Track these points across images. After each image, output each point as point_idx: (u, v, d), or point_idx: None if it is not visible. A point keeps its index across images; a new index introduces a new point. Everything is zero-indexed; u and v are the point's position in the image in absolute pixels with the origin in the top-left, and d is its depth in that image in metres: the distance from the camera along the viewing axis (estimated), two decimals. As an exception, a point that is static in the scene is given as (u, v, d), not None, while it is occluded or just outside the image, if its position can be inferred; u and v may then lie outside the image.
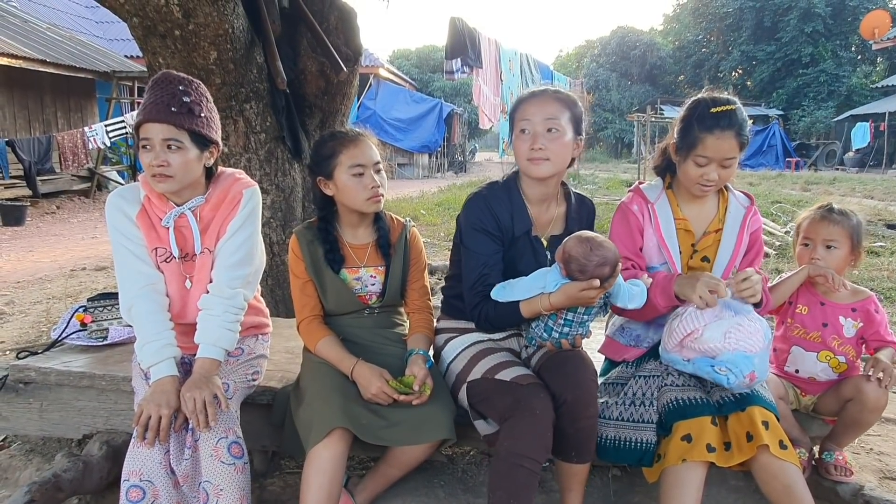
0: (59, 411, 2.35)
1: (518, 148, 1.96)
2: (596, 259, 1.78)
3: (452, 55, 8.19)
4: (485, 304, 1.96)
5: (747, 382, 1.82)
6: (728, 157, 1.91)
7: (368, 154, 2.03)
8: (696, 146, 1.91)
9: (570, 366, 1.87)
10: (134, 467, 1.70)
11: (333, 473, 1.79)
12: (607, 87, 36.62)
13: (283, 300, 3.23)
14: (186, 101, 1.86)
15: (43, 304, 4.78)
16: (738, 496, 2.18)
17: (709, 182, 1.94)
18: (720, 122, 1.88)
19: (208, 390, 1.76)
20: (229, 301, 1.91)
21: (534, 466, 1.72)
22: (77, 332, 2.53)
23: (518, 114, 1.98)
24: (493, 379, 1.89)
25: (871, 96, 24.84)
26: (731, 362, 1.81)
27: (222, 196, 1.98)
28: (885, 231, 7.90)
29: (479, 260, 1.98)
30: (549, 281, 1.85)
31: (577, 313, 1.88)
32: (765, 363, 1.86)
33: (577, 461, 1.89)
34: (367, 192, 2.01)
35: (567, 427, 1.82)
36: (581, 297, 1.78)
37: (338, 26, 3.39)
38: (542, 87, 2.02)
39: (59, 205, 11.22)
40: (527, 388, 1.80)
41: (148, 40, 2.82)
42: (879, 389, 2.05)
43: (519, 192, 2.04)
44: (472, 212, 2.01)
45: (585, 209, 2.16)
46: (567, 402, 1.80)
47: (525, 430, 1.73)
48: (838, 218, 2.16)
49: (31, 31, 12.25)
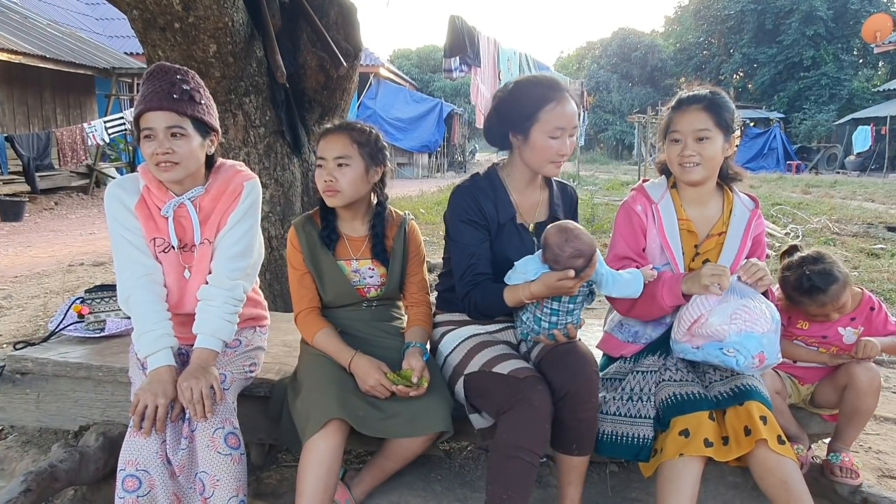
0: (56, 402, 2.35)
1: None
2: (570, 250, 1.79)
3: (451, 53, 8.18)
4: (474, 292, 1.98)
5: (757, 364, 1.80)
6: (698, 128, 1.94)
7: (330, 147, 2.02)
8: (670, 127, 2.01)
9: (572, 358, 1.87)
10: (130, 457, 1.70)
11: (330, 465, 1.78)
12: (608, 89, 36.63)
13: (282, 294, 3.22)
14: (186, 88, 1.86)
15: (40, 299, 4.77)
16: (735, 492, 2.18)
17: (687, 158, 1.95)
18: (685, 100, 2.00)
19: (205, 380, 1.75)
20: (229, 292, 1.91)
21: (532, 459, 1.72)
22: (74, 324, 2.53)
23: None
24: (491, 372, 1.88)
25: (872, 100, 24.84)
26: (739, 344, 1.79)
27: (223, 187, 1.98)
28: (885, 234, 7.93)
29: (466, 250, 2.01)
30: (531, 269, 1.86)
31: (562, 302, 1.87)
32: (773, 345, 1.82)
33: (577, 453, 1.88)
34: (322, 184, 2.02)
35: (569, 419, 1.82)
36: (558, 286, 1.78)
37: (338, 21, 3.39)
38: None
39: (58, 201, 11.21)
40: (524, 380, 1.79)
41: (147, 33, 2.82)
42: (870, 371, 2.06)
43: (501, 182, 2.08)
44: (456, 204, 2.05)
45: (567, 196, 2.20)
46: (569, 392, 1.80)
47: (523, 423, 1.73)
48: (834, 292, 2.04)
49: (32, 27, 12.25)
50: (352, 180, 2.00)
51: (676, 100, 2.03)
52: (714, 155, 1.96)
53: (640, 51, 36.69)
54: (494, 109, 2.09)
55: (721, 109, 1.95)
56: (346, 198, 2.02)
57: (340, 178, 1.99)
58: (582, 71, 38.95)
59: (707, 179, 2.01)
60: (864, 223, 8.73)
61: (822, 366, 2.20)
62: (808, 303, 2.09)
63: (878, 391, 2.09)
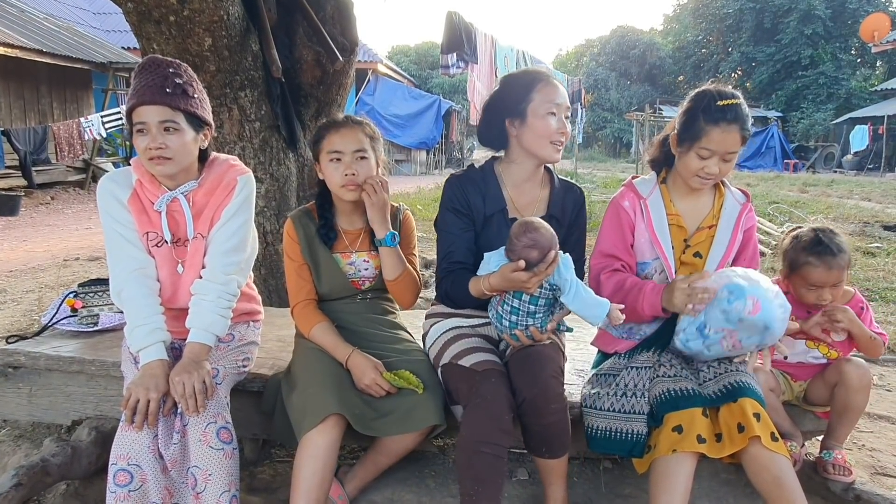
0: (49, 397, 2.34)
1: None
2: (525, 240, 1.78)
3: (448, 50, 8.14)
4: (446, 279, 2.02)
5: (750, 307, 1.74)
6: (731, 150, 1.89)
7: (347, 141, 2.01)
8: (701, 138, 1.88)
9: (530, 362, 1.84)
10: (122, 451, 1.69)
11: (326, 460, 1.78)
12: (606, 87, 36.63)
13: (277, 290, 3.21)
14: (179, 82, 1.84)
15: (35, 293, 4.75)
16: (728, 489, 2.18)
17: (709, 175, 1.92)
18: (727, 114, 1.86)
19: (198, 375, 1.74)
20: (223, 287, 1.90)
21: (495, 451, 1.71)
22: (67, 318, 2.52)
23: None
24: (457, 364, 1.91)
25: (870, 99, 24.85)
26: (734, 286, 1.76)
27: (216, 182, 1.97)
28: (881, 233, 7.94)
29: (447, 238, 2.05)
30: (493, 261, 1.87)
31: (522, 301, 1.85)
32: (771, 303, 1.76)
33: (548, 457, 1.87)
34: (342, 178, 2.00)
35: (532, 424, 1.81)
36: (513, 278, 1.77)
37: (334, 16, 3.38)
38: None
39: (54, 195, 11.18)
40: (481, 374, 1.80)
41: (142, 26, 2.80)
42: (860, 368, 2.06)
43: (495, 175, 2.09)
44: (445, 193, 2.09)
45: (572, 196, 2.14)
46: (526, 399, 1.78)
47: (479, 417, 1.73)
48: (841, 260, 2.07)
49: (28, 21, 12.20)
50: (369, 173, 2.02)
51: (715, 109, 1.86)
52: (730, 170, 1.96)
53: (638, 49, 36.67)
54: (487, 107, 2.11)
55: (748, 124, 1.89)
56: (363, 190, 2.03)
57: (361, 171, 2.00)
58: (580, 69, 38.94)
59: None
60: (861, 222, 8.74)
61: (816, 362, 2.21)
62: (814, 263, 2.06)
63: (869, 387, 2.10)
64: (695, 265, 2.03)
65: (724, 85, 1.97)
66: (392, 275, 2.06)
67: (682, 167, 1.98)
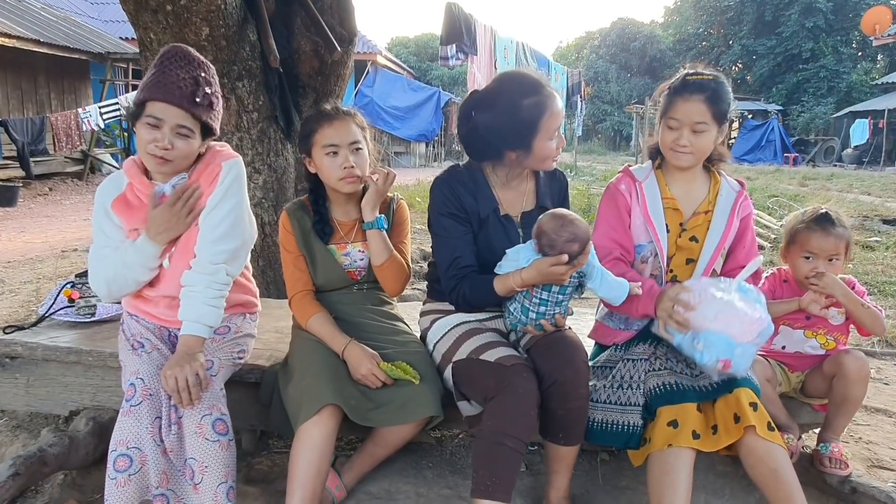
0: (46, 387, 2.34)
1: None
2: (566, 234, 1.78)
3: (448, 41, 8.11)
4: (461, 285, 1.96)
5: (719, 368, 1.77)
6: (697, 120, 1.93)
7: (343, 133, 2.00)
8: (668, 110, 1.98)
9: (562, 346, 1.86)
10: (122, 437, 1.69)
11: (323, 450, 1.78)
12: (606, 79, 36.51)
13: (275, 281, 3.21)
14: (208, 91, 1.85)
15: (33, 284, 4.75)
16: (725, 481, 2.18)
17: (681, 148, 1.97)
18: (689, 86, 1.95)
19: (190, 368, 1.73)
20: (211, 277, 1.87)
21: (517, 445, 1.71)
22: (65, 308, 2.51)
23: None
24: (478, 359, 1.88)
25: (870, 93, 24.76)
26: (710, 341, 1.76)
27: (202, 170, 1.96)
28: (880, 226, 7.95)
29: (448, 244, 2.00)
30: (522, 257, 1.86)
31: (552, 292, 1.86)
32: (745, 359, 1.79)
33: (564, 443, 1.88)
34: (341, 171, 1.99)
35: (556, 408, 1.81)
36: (551, 272, 1.77)
37: (332, 6, 3.35)
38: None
39: (52, 186, 11.14)
40: (511, 368, 1.79)
41: (139, 15, 2.78)
42: (859, 360, 2.06)
43: (482, 174, 2.05)
44: (436, 197, 2.03)
45: (557, 183, 2.16)
46: (557, 381, 1.79)
47: (508, 410, 1.73)
48: (840, 231, 2.09)
49: (26, 10, 12.13)
50: (365, 163, 2.02)
51: (680, 82, 1.98)
52: (706, 146, 1.99)
53: (639, 41, 36.54)
54: (487, 131, 1.95)
55: (721, 102, 1.94)
56: (362, 181, 2.03)
57: (359, 163, 2.00)
58: (581, 61, 38.77)
59: (695, 165, 2.05)
60: (860, 216, 8.73)
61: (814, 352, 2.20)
62: (815, 230, 2.08)
63: (867, 379, 2.10)
64: (691, 249, 2.05)
65: (708, 71, 2.01)
66: (378, 260, 2.05)
67: (661, 143, 2.03)
